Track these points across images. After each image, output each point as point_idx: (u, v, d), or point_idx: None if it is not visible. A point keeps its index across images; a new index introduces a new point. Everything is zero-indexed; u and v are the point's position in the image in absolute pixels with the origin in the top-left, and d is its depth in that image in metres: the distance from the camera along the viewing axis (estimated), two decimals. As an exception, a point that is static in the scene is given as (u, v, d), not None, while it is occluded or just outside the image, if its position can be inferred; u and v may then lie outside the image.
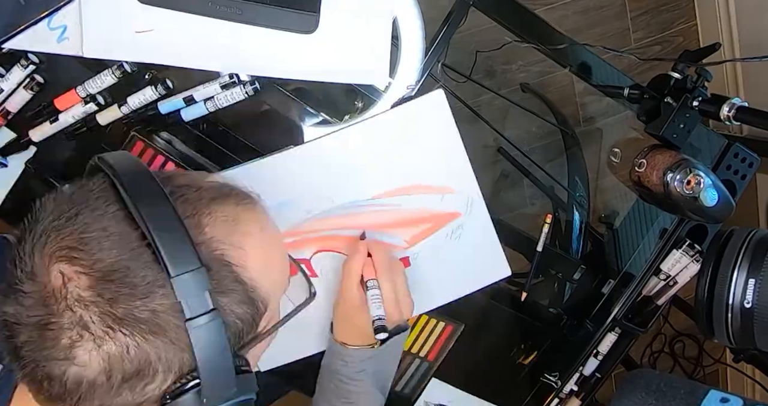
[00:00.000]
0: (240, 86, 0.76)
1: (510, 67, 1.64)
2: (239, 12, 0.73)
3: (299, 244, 0.81)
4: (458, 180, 0.83)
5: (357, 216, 0.81)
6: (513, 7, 0.84)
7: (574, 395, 0.98)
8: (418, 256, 0.84)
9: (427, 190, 0.82)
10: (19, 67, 0.74)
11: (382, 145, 0.80)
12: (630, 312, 0.95)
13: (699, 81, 0.83)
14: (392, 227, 0.83)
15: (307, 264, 0.82)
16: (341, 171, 0.80)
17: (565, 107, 1.75)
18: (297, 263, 0.60)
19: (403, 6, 0.77)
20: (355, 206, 0.81)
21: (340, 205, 0.80)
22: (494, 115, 1.64)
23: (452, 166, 0.82)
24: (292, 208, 0.79)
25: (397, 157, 0.81)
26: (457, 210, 0.84)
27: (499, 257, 0.87)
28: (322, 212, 0.80)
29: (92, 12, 0.72)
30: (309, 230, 0.81)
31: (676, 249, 0.93)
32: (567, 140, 1.43)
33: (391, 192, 0.81)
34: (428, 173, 0.82)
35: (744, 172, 0.95)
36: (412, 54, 0.79)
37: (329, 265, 0.83)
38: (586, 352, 0.96)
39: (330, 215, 0.81)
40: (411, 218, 0.83)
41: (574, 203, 1.19)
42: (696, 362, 2.10)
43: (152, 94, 0.75)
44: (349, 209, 0.81)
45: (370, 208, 0.81)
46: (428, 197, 0.82)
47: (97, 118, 0.77)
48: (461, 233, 0.84)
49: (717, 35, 1.82)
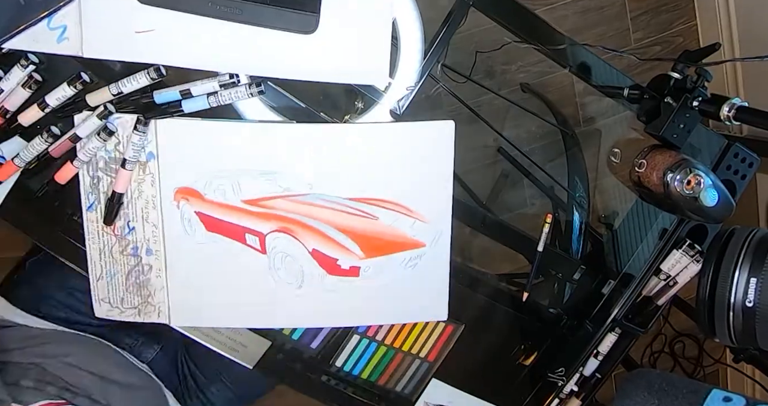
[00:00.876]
0: (245, 86, 0.75)
1: (510, 67, 1.64)
2: (239, 12, 0.73)
3: (262, 216, 0.81)
4: (436, 212, 0.83)
5: (327, 210, 0.81)
6: (513, 8, 0.84)
7: (574, 396, 0.98)
8: (369, 270, 0.84)
9: (404, 211, 0.83)
10: (18, 67, 0.74)
11: (378, 153, 0.80)
12: (630, 312, 0.95)
13: (699, 81, 0.83)
14: (355, 233, 0.83)
15: (261, 238, 0.82)
16: (331, 163, 0.80)
17: (565, 107, 1.76)
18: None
19: (403, 6, 0.77)
20: (330, 201, 0.81)
21: (316, 194, 0.80)
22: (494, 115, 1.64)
23: (435, 197, 0.83)
24: (270, 180, 0.79)
25: (388, 170, 0.81)
26: (423, 240, 0.84)
27: (442, 299, 0.87)
28: (296, 194, 0.80)
29: (92, 12, 0.71)
30: (277, 207, 0.81)
31: (677, 249, 0.93)
32: (567, 140, 1.43)
33: (368, 200, 0.82)
34: (410, 196, 0.82)
35: (744, 172, 0.95)
36: (411, 54, 0.79)
37: (281, 246, 0.82)
38: (586, 352, 0.96)
39: (303, 200, 0.81)
40: (377, 232, 0.83)
41: (574, 203, 1.19)
42: (696, 363, 2.10)
43: (145, 80, 0.74)
44: (323, 201, 0.81)
45: (343, 207, 0.81)
46: (401, 218, 0.83)
47: (87, 99, 0.75)
48: (418, 263, 0.85)
49: (717, 35, 1.83)
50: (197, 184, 0.79)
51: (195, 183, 0.79)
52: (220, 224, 0.81)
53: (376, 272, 0.85)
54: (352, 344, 0.90)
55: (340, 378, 0.92)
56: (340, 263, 0.84)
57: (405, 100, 0.80)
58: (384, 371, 0.92)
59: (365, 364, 0.92)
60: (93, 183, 0.79)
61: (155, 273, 0.82)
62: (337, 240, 0.83)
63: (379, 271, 0.85)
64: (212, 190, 0.79)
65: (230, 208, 0.80)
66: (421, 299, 0.87)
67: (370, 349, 0.91)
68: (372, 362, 0.92)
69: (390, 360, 0.92)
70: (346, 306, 0.86)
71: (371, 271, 0.85)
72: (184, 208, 0.80)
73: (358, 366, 0.92)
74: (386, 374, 0.92)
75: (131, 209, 0.80)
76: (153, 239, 0.81)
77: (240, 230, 0.81)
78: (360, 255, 0.84)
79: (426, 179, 0.82)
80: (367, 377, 0.92)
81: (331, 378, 0.91)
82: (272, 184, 0.80)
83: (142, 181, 0.79)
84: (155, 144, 0.77)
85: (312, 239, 0.82)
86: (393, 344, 0.91)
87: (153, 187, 0.79)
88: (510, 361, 0.96)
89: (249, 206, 0.80)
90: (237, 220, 0.81)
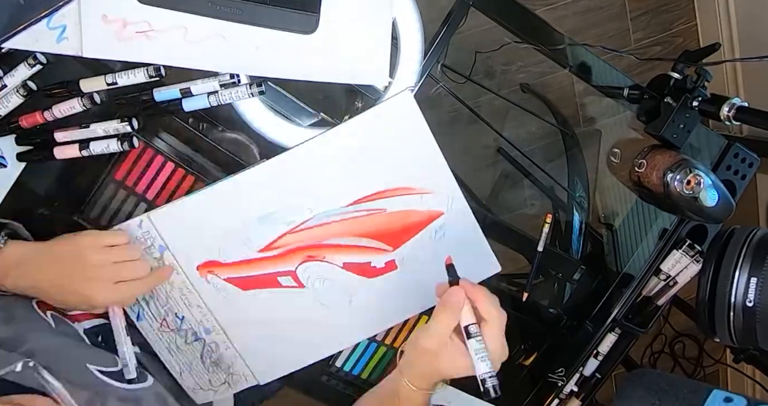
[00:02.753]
0: (245, 86, 0.75)
1: (510, 67, 1.64)
2: (239, 12, 0.73)
3: (283, 256, 0.82)
4: (436, 179, 0.82)
5: (338, 224, 0.82)
6: (513, 8, 0.84)
7: (574, 396, 0.98)
8: (404, 258, 0.84)
9: (406, 191, 0.82)
10: (25, 65, 0.73)
11: (355, 151, 0.80)
12: (630, 313, 0.95)
13: (699, 81, 0.83)
14: (375, 232, 0.83)
15: (293, 275, 0.82)
16: (316, 180, 0.80)
17: (565, 108, 1.75)
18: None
19: (403, 6, 0.77)
20: (334, 214, 0.81)
21: (319, 214, 0.81)
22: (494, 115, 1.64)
23: (428, 166, 0.82)
24: (272, 221, 0.80)
25: (371, 162, 0.80)
26: (438, 209, 0.83)
27: (486, 253, 0.87)
28: (303, 222, 0.81)
29: (92, 12, 0.71)
30: (292, 242, 0.81)
31: (677, 249, 0.93)
32: (567, 141, 1.43)
33: (368, 197, 0.82)
34: (405, 175, 0.82)
35: (744, 172, 0.95)
36: (411, 54, 0.79)
37: (315, 274, 0.83)
38: (586, 352, 0.96)
39: (311, 224, 0.81)
40: (393, 222, 0.83)
41: (574, 203, 1.20)
42: (696, 363, 2.10)
43: (143, 76, 0.74)
44: (330, 217, 0.81)
45: (350, 214, 0.82)
46: (408, 199, 0.82)
47: (80, 84, 0.75)
48: (445, 231, 0.84)
49: (717, 35, 1.83)
50: (212, 254, 0.80)
51: (210, 254, 0.80)
52: (251, 279, 0.82)
53: (412, 257, 0.84)
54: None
55: (340, 378, 0.92)
56: (374, 265, 0.84)
57: (405, 100, 0.80)
58: (384, 371, 0.92)
59: (365, 364, 0.92)
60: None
61: (223, 347, 0.84)
62: (360, 245, 0.83)
63: (415, 254, 0.84)
64: (228, 254, 0.80)
65: (252, 262, 0.81)
66: (466, 263, 0.84)
67: (370, 349, 0.91)
68: (372, 362, 0.92)
69: (390, 360, 0.92)
70: (401, 299, 0.85)
71: (407, 258, 0.84)
72: (213, 280, 0.81)
73: (358, 366, 0.92)
74: (386, 374, 0.92)
75: (171, 301, 0.82)
76: (204, 318, 0.83)
77: (271, 277, 0.82)
78: (388, 249, 0.84)
79: (410, 154, 0.81)
80: (367, 377, 0.92)
81: (331, 378, 0.91)
82: (276, 224, 0.80)
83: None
84: (159, 237, 0.78)
85: (337, 254, 0.83)
86: (393, 344, 0.91)
87: (179, 275, 0.81)
88: (510, 361, 0.96)
89: (267, 253, 0.81)
90: (263, 270, 0.82)
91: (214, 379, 0.86)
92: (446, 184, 0.83)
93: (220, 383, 0.86)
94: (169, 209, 0.78)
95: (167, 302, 0.82)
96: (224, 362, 0.85)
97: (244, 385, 0.86)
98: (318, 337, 0.86)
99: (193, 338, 0.83)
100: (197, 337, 0.83)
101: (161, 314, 0.82)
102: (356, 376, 0.92)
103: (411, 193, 0.82)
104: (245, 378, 0.86)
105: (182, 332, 0.83)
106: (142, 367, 0.76)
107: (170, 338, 0.83)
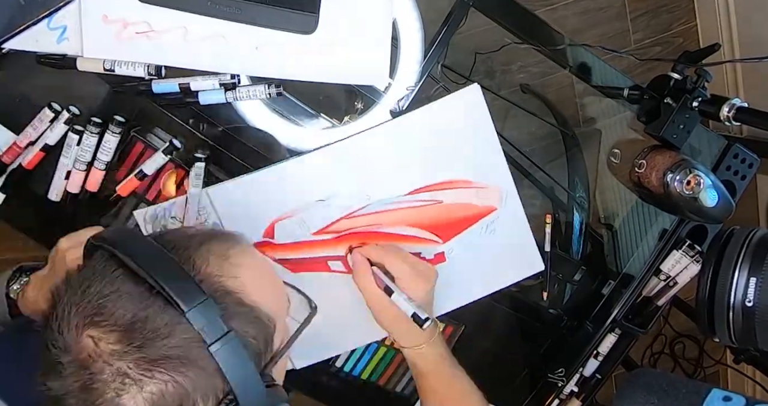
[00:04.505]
0: (264, 86, 0.75)
1: (510, 68, 1.64)
2: (239, 12, 0.73)
3: (336, 241, 0.81)
4: (494, 174, 0.83)
5: (393, 212, 0.81)
6: (513, 8, 0.84)
7: (574, 396, 0.98)
8: (453, 251, 0.84)
9: (463, 184, 0.82)
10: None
11: (417, 141, 0.80)
12: (630, 313, 0.95)
13: (699, 81, 0.83)
14: (427, 223, 0.83)
15: (344, 261, 0.82)
16: (376, 168, 0.80)
17: (565, 108, 1.75)
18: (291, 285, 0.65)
19: (403, 7, 0.77)
20: (391, 203, 0.81)
21: (376, 201, 0.80)
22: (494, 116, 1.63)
23: (487, 161, 0.82)
24: (328, 206, 0.80)
25: (432, 153, 0.80)
26: (492, 204, 0.84)
27: (532, 251, 0.88)
28: (358, 209, 0.80)
29: (92, 12, 0.72)
30: (345, 228, 0.81)
31: (676, 250, 0.93)
32: (567, 141, 1.42)
33: (426, 188, 0.81)
34: (464, 168, 0.82)
35: (744, 172, 0.95)
36: (411, 55, 0.79)
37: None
38: (586, 353, 0.96)
39: (366, 211, 0.81)
40: (446, 213, 0.83)
41: (574, 203, 1.19)
42: (696, 363, 2.10)
43: (142, 72, 0.74)
44: (386, 205, 0.81)
45: (406, 204, 0.81)
46: (464, 192, 0.82)
47: (77, 62, 0.74)
48: (495, 227, 0.85)
49: (717, 36, 1.83)
50: (266, 234, 0.80)
51: (264, 234, 0.80)
52: (302, 262, 0.81)
53: (461, 250, 0.84)
54: (352, 344, 0.90)
55: (340, 379, 0.92)
56: (424, 255, 0.84)
57: (405, 100, 0.80)
58: (384, 371, 0.92)
59: (365, 364, 0.92)
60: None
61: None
62: (412, 236, 0.83)
63: (464, 248, 0.84)
64: (282, 235, 0.80)
65: (304, 244, 0.81)
66: (513, 259, 0.87)
67: (370, 349, 0.91)
68: (372, 362, 0.92)
69: (390, 360, 0.92)
70: (448, 291, 0.85)
71: (456, 251, 0.84)
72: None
73: (358, 366, 0.92)
74: (386, 375, 0.92)
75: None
76: None
77: (321, 261, 0.82)
78: (438, 241, 0.83)
79: (472, 147, 0.81)
80: (367, 377, 0.92)
81: (332, 379, 0.91)
82: (332, 208, 0.80)
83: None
84: (215, 213, 0.78)
85: (389, 242, 0.82)
86: (393, 345, 0.91)
87: None
88: (510, 361, 0.96)
89: (320, 236, 0.81)
90: (315, 253, 0.81)
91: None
92: (503, 179, 0.83)
93: None
94: (228, 185, 0.78)
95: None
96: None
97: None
98: (358, 324, 0.84)
99: None
100: None
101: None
102: (356, 376, 0.92)
103: (469, 187, 0.82)
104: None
105: None
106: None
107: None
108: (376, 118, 0.80)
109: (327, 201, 0.79)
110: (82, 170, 0.78)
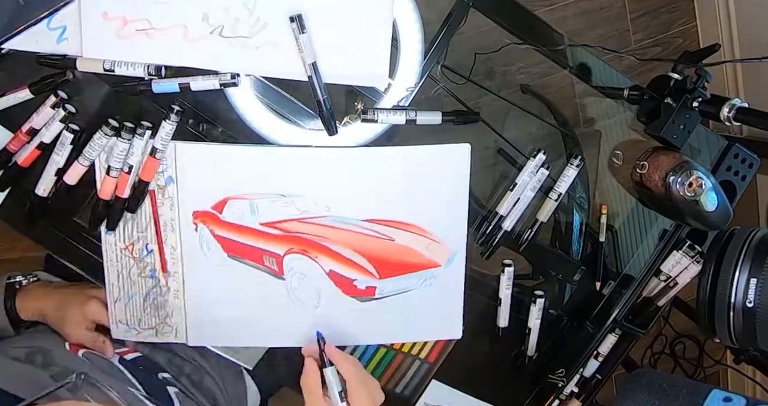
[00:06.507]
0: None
1: (510, 68, 1.64)
2: (239, 13, 0.72)
3: (280, 238, 0.81)
4: (450, 234, 0.84)
5: (344, 232, 0.82)
6: (513, 9, 0.84)
7: (574, 397, 0.98)
8: (385, 289, 0.85)
9: (419, 232, 0.83)
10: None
11: (395, 176, 0.81)
12: (630, 313, 0.95)
13: (699, 82, 0.83)
14: (372, 255, 0.83)
15: (279, 260, 0.82)
16: (349, 186, 0.80)
17: (565, 109, 1.75)
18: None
19: (403, 7, 0.77)
20: (347, 223, 0.82)
21: (333, 216, 0.81)
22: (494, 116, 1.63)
23: (449, 218, 0.84)
24: (288, 203, 0.80)
25: (404, 192, 0.82)
26: (438, 261, 0.85)
27: (456, 318, 0.88)
28: (314, 217, 0.81)
29: (92, 10, 0.72)
30: (295, 230, 0.81)
31: (677, 250, 0.93)
32: (567, 142, 1.42)
33: (383, 221, 0.82)
34: (426, 217, 0.83)
35: (744, 173, 0.95)
36: (411, 55, 0.79)
37: (298, 267, 0.83)
38: (587, 353, 0.96)
39: (321, 222, 0.81)
40: (392, 252, 0.84)
41: (574, 203, 1.19)
42: (696, 364, 2.10)
43: (142, 71, 0.74)
44: (340, 223, 0.82)
45: (360, 229, 0.82)
46: (417, 239, 0.84)
47: (77, 62, 0.74)
48: (432, 282, 0.86)
49: (717, 36, 1.83)
50: (215, 208, 0.80)
51: (213, 207, 0.80)
52: (238, 246, 0.81)
53: (391, 292, 0.85)
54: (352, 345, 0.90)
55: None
56: (356, 284, 0.84)
57: (405, 101, 0.80)
58: (384, 372, 0.92)
59: (365, 365, 0.91)
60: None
61: (173, 294, 0.83)
62: (353, 261, 0.83)
63: (395, 290, 0.85)
64: (231, 213, 0.80)
65: (248, 230, 0.81)
66: (436, 318, 0.88)
67: (370, 350, 0.91)
68: (372, 363, 0.92)
69: (390, 361, 0.92)
70: (362, 325, 0.86)
71: (387, 290, 0.85)
72: (202, 231, 0.81)
73: (358, 367, 0.92)
74: (386, 375, 0.92)
75: (149, 231, 0.80)
76: (171, 260, 0.82)
77: (258, 252, 0.82)
78: (376, 275, 0.84)
79: (442, 201, 0.83)
80: (367, 378, 0.92)
81: (331, 379, 0.91)
82: (290, 207, 0.80)
83: (161, 205, 0.79)
84: (174, 168, 0.78)
85: (329, 260, 0.83)
86: (393, 346, 0.91)
87: (172, 211, 0.80)
88: (510, 362, 0.96)
89: (267, 229, 0.81)
90: (255, 242, 0.81)
91: (146, 321, 0.84)
92: (457, 241, 0.84)
93: (148, 327, 0.84)
94: (199, 146, 0.78)
95: (145, 230, 0.80)
96: (165, 310, 0.83)
97: (170, 339, 0.85)
98: (267, 325, 0.85)
99: (149, 273, 0.82)
100: (153, 274, 0.82)
101: (132, 238, 0.81)
102: (356, 377, 0.92)
103: (422, 235, 0.83)
104: (176, 333, 0.84)
105: (141, 264, 0.81)
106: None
107: (127, 264, 0.81)
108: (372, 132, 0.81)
109: (288, 199, 0.80)
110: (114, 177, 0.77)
